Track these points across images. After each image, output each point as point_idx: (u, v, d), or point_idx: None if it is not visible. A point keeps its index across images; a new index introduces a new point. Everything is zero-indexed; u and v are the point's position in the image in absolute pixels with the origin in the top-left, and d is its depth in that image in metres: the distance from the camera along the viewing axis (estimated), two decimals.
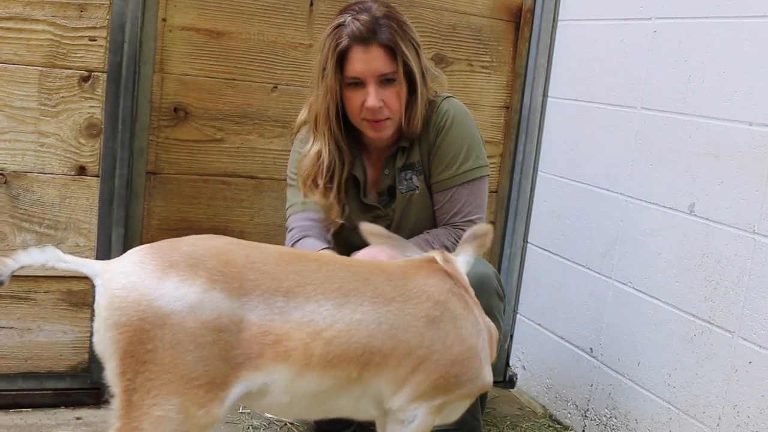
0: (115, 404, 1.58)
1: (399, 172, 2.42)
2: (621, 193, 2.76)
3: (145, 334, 1.54)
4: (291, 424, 2.73)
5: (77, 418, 2.64)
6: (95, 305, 1.61)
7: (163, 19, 2.64)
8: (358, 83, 2.25)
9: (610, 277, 2.80)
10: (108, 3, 2.54)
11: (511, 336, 3.35)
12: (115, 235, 2.65)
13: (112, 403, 1.59)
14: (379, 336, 1.72)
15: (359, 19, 2.21)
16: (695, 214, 2.44)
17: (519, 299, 3.32)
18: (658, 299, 2.57)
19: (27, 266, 1.59)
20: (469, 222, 2.38)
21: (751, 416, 2.23)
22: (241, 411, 2.73)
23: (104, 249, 2.64)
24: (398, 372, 1.75)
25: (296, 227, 2.38)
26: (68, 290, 2.65)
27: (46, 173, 2.58)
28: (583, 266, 2.94)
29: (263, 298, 1.64)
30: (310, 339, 1.65)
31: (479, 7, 3.08)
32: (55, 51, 2.52)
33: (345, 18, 2.23)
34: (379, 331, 1.72)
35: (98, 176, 2.62)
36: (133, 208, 2.68)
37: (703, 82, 2.44)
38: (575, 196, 3.01)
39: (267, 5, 2.77)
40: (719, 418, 2.33)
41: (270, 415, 2.72)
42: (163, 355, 1.54)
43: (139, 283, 1.57)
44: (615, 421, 2.74)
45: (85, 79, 2.57)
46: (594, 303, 2.87)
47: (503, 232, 3.27)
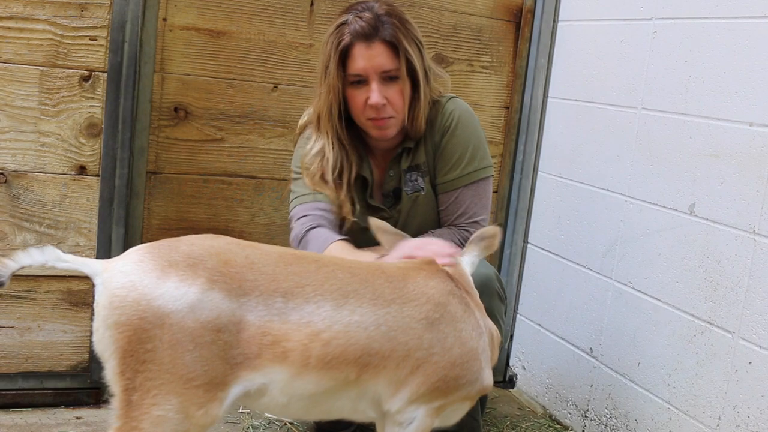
0: (115, 404, 1.58)
1: (404, 174, 2.41)
2: (621, 193, 2.76)
3: (145, 333, 1.55)
4: (291, 423, 2.73)
5: (77, 418, 2.64)
6: (95, 304, 1.62)
7: (164, 19, 2.64)
8: (361, 81, 2.24)
9: (610, 278, 2.80)
10: (108, 3, 2.54)
11: (511, 336, 3.35)
12: (115, 235, 2.65)
13: (111, 402, 1.59)
14: (377, 338, 1.71)
15: (362, 17, 2.21)
16: (695, 215, 2.44)
17: (519, 299, 3.32)
18: (658, 299, 2.57)
19: (27, 267, 1.59)
20: (474, 223, 2.38)
21: (751, 416, 2.22)
22: (241, 411, 2.73)
23: (104, 249, 2.64)
24: (397, 374, 1.74)
25: (308, 215, 2.29)
26: (68, 290, 2.65)
27: (46, 173, 2.58)
28: (583, 266, 2.94)
29: (262, 299, 1.64)
30: (308, 340, 1.64)
31: (479, 7, 3.08)
32: (56, 50, 2.52)
33: (347, 17, 2.24)
34: (377, 333, 1.71)
35: (98, 176, 2.62)
36: (133, 208, 2.69)
37: (703, 82, 2.44)
38: (575, 196, 3.01)
39: (267, 5, 2.77)
40: (719, 419, 2.33)
41: (270, 415, 2.73)
42: (163, 355, 1.55)
43: (138, 282, 1.57)
44: (615, 421, 2.74)
45: (85, 79, 2.57)
46: (594, 303, 2.87)
47: (503, 233, 3.27)
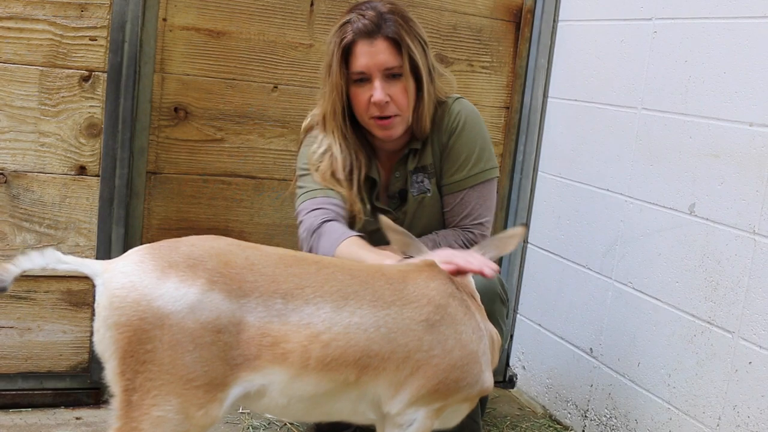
0: (115, 404, 1.58)
1: (411, 175, 2.39)
2: (621, 193, 2.76)
3: (145, 334, 1.55)
4: (291, 424, 2.73)
5: (77, 418, 2.64)
6: (96, 305, 1.62)
7: (164, 19, 2.64)
8: (364, 79, 2.24)
9: (610, 277, 2.80)
10: (108, 3, 2.54)
11: (511, 336, 3.35)
12: (115, 235, 2.65)
13: (111, 403, 1.59)
14: (377, 339, 1.71)
15: (364, 15, 2.22)
16: (695, 215, 2.44)
17: (519, 299, 3.32)
18: (658, 299, 2.57)
19: (28, 270, 1.59)
20: (479, 225, 2.38)
21: (751, 416, 2.22)
22: (240, 411, 2.73)
23: (104, 249, 2.64)
24: (396, 376, 1.74)
25: (321, 209, 2.24)
26: (68, 290, 2.65)
27: (46, 173, 2.58)
28: (583, 266, 2.94)
29: (262, 300, 1.64)
30: (307, 342, 1.64)
31: (479, 8, 3.08)
32: (56, 51, 2.52)
33: (350, 16, 2.25)
34: (377, 335, 1.71)
35: (98, 176, 2.62)
36: (133, 208, 2.68)
37: (703, 82, 2.44)
38: (575, 196, 3.00)
39: (267, 5, 2.77)
40: (719, 419, 2.33)
41: (270, 416, 2.72)
42: (163, 356, 1.55)
43: (138, 283, 1.57)
44: (615, 421, 2.74)
45: (85, 79, 2.57)
46: (594, 303, 2.87)
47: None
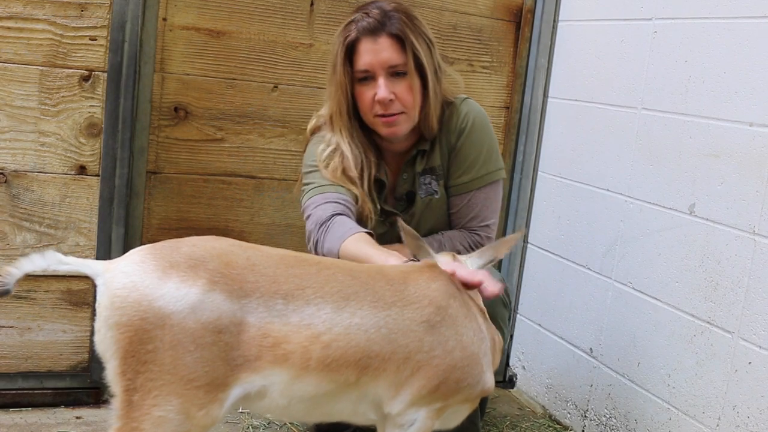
0: (115, 404, 1.58)
1: (419, 176, 2.38)
2: (621, 193, 2.76)
3: (146, 334, 1.54)
4: (291, 424, 2.73)
5: (77, 418, 2.64)
6: (97, 305, 1.61)
7: (164, 19, 2.64)
8: (369, 77, 2.23)
9: (610, 277, 2.80)
10: (108, 2, 2.54)
11: (511, 336, 3.35)
12: (115, 235, 2.65)
13: (112, 402, 1.59)
14: (377, 340, 1.71)
15: (369, 13, 2.23)
16: (695, 215, 2.44)
17: (519, 299, 3.32)
18: (658, 299, 2.57)
19: (30, 273, 1.59)
20: (485, 227, 2.38)
21: (751, 416, 2.23)
22: (241, 411, 2.73)
23: (104, 248, 2.64)
24: (397, 376, 1.74)
25: (332, 203, 2.20)
26: (68, 289, 2.65)
27: (46, 173, 2.58)
28: (583, 266, 2.94)
29: (263, 301, 1.64)
30: (308, 342, 1.64)
31: (480, 7, 3.08)
32: (56, 50, 2.51)
33: (356, 15, 2.25)
34: (378, 336, 1.71)
35: (98, 176, 2.62)
36: (133, 208, 2.68)
37: (703, 82, 2.44)
38: (575, 196, 3.01)
39: (267, 5, 2.77)
40: (719, 419, 2.33)
41: (270, 416, 2.72)
42: (164, 356, 1.54)
43: (139, 283, 1.57)
44: (615, 421, 2.74)
45: (85, 79, 2.57)
46: (594, 303, 2.87)
47: (503, 233, 3.27)
